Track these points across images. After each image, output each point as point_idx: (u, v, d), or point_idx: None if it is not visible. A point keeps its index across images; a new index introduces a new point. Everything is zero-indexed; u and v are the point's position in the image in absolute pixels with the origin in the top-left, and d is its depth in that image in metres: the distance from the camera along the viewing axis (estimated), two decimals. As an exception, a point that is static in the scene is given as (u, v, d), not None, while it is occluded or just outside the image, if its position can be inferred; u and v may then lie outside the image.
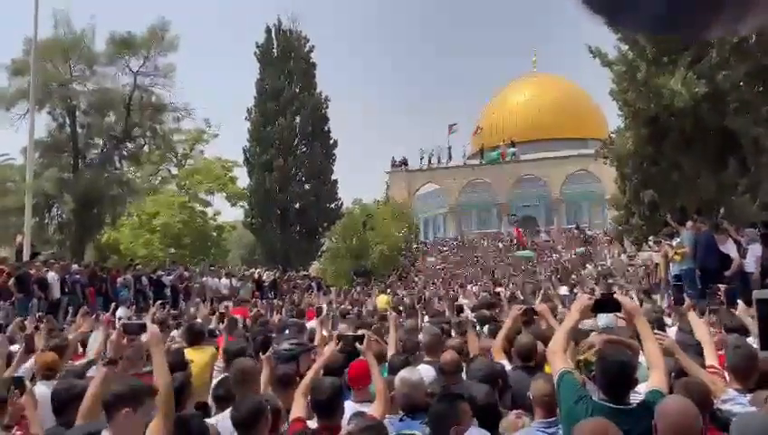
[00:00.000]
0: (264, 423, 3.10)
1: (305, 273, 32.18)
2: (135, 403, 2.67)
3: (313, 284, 26.81)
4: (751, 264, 9.97)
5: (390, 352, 5.15)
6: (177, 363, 4.24)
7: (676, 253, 11.12)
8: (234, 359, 4.49)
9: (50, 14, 28.76)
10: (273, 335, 6.54)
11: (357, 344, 4.01)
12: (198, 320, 8.48)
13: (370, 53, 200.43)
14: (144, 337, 3.23)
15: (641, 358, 3.38)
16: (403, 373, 3.70)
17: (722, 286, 7.31)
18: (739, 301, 6.48)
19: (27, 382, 3.85)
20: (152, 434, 2.80)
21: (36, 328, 7.56)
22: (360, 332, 4.83)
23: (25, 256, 17.32)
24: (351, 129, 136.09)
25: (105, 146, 31.25)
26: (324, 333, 6.11)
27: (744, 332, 4.98)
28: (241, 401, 3.25)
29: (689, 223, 11.84)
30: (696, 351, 3.91)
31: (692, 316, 4.60)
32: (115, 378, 3.11)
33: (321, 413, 3.45)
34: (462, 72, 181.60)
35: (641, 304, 7.00)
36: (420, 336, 5.69)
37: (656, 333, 3.43)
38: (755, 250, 10.01)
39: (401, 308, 11.32)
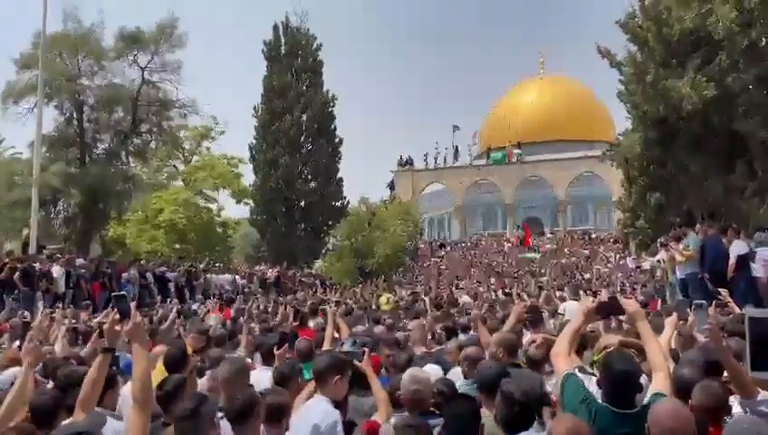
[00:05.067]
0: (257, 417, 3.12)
1: (309, 271, 32.21)
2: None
3: (317, 281, 26.84)
4: (759, 268, 9.89)
5: (326, 346, 5.27)
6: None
7: (681, 253, 11.05)
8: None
9: (59, 9, 28.86)
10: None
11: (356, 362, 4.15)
12: (210, 322, 8.50)
13: (376, 53, 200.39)
14: (126, 326, 3.20)
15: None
16: (411, 372, 3.67)
17: (722, 290, 7.24)
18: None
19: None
20: (130, 426, 2.87)
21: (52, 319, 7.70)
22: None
23: (31, 250, 17.38)
24: (357, 128, 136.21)
25: (112, 141, 31.37)
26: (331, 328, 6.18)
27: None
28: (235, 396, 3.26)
29: (698, 226, 11.77)
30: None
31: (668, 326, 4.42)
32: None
33: None
34: (469, 73, 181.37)
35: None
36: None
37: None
38: (764, 254, 9.92)
39: (405, 307, 11.28)
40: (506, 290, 15.28)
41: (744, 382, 3.21)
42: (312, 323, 8.36)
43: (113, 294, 3.70)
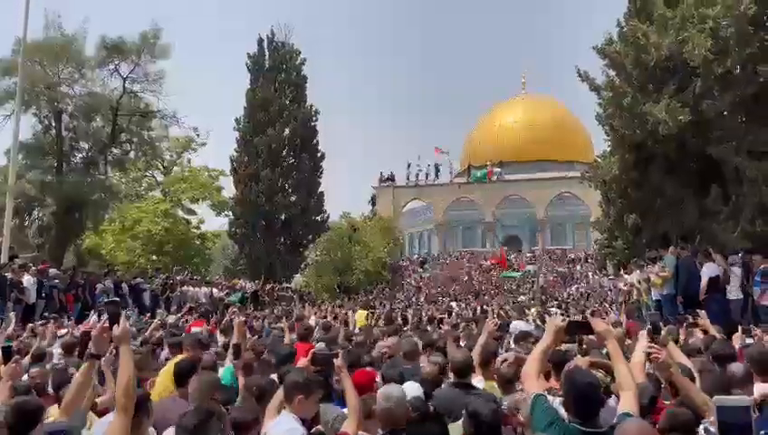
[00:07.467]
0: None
1: (287, 285, 31.98)
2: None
3: (295, 296, 26.67)
4: (733, 290, 10.05)
5: (227, 363, 5.32)
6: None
7: (658, 275, 11.20)
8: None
9: (41, 16, 28.62)
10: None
11: (334, 361, 4.00)
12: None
13: (360, 71, 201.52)
14: (115, 331, 3.28)
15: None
16: (384, 389, 3.63)
17: (701, 312, 7.36)
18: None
19: None
20: (110, 428, 2.95)
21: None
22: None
23: (3, 259, 17.00)
24: (339, 143, 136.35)
25: (90, 150, 31.02)
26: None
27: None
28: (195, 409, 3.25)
29: (671, 248, 11.94)
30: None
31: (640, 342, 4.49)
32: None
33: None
34: (452, 91, 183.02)
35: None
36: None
37: (651, 347, 3.44)
38: (737, 277, 10.08)
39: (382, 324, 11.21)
40: (484, 307, 15.34)
41: (693, 403, 3.27)
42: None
43: (106, 301, 3.87)
